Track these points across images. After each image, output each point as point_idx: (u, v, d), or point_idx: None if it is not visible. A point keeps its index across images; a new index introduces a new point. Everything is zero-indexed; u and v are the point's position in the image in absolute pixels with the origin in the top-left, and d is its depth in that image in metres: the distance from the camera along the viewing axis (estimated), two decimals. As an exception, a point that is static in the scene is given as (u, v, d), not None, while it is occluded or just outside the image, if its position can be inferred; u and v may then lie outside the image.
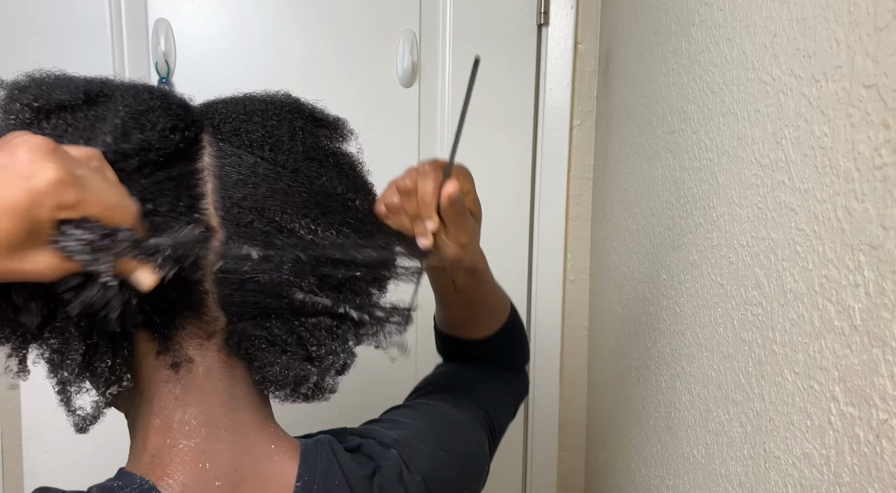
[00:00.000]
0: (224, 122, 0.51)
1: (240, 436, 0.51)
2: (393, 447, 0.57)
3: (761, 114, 0.57)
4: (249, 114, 0.52)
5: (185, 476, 0.48)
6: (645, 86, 0.93)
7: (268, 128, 0.51)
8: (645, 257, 0.91)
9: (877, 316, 0.41)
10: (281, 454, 0.52)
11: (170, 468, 0.48)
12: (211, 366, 0.50)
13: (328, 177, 0.53)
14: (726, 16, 0.65)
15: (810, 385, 0.49)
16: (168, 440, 0.49)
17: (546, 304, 1.34)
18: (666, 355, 0.81)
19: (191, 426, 0.49)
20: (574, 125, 1.29)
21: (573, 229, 1.32)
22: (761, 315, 0.57)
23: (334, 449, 0.54)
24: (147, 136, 0.47)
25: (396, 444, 0.57)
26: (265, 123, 0.52)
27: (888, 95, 0.40)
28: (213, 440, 0.49)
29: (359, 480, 0.53)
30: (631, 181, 0.99)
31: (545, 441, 1.37)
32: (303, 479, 0.51)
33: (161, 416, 0.49)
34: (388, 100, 1.25)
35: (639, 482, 0.91)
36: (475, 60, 0.52)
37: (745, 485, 0.59)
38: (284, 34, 1.22)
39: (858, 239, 0.43)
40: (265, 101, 0.54)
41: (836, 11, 0.46)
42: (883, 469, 0.41)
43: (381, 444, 0.57)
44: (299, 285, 0.49)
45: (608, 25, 1.19)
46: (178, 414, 0.49)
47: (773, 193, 0.55)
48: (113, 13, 1.17)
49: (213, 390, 0.50)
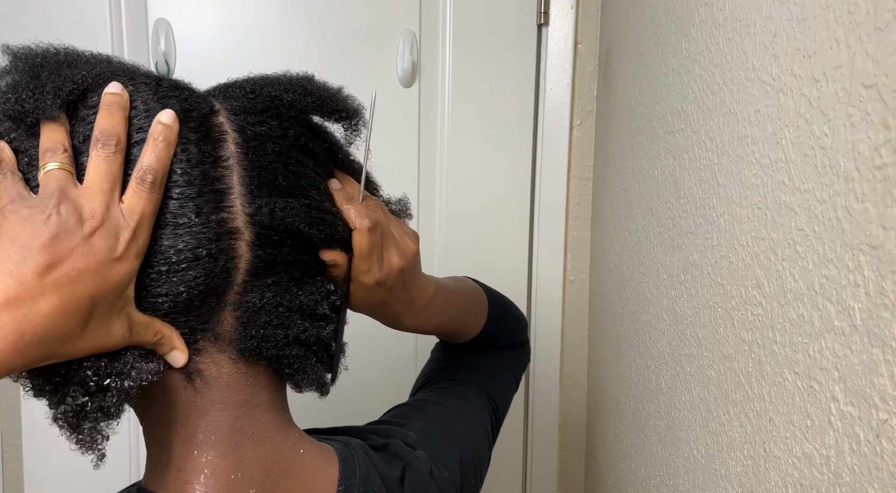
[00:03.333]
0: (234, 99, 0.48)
1: (267, 442, 0.48)
2: (419, 447, 0.57)
3: (761, 114, 0.57)
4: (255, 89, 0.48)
5: (217, 490, 0.46)
6: (645, 86, 0.93)
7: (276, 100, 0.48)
8: (645, 257, 0.91)
9: (877, 316, 0.41)
10: (312, 457, 0.51)
11: (199, 483, 0.45)
12: (231, 373, 0.47)
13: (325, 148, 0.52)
14: (726, 16, 0.65)
15: (810, 385, 0.49)
16: (194, 451, 0.46)
17: (546, 304, 1.34)
18: (666, 355, 0.81)
19: (217, 436, 0.46)
20: (574, 125, 1.29)
21: (573, 229, 1.32)
22: (761, 315, 0.57)
23: (367, 453, 0.53)
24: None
25: (421, 445, 0.57)
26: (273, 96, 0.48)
27: (888, 95, 0.40)
28: (240, 449, 0.47)
29: (393, 483, 0.53)
30: (631, 181, 0.99)
31: (545, 441, 1.37)
32: (344, 483, 0.50)
33: (185, 425, 0.46)
34: (388, 100, 1.25)
35: (639, 482, 0.91)
36: (373, 96, 0.52)
37: (745, 485, 0.59)
38: (284, 34, 1.22)
39: (858, 239, 0.43)
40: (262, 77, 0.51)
41: (836, 11, 0.46)
42: (883, 469, 0.41)
43: (406, 445, 0.57)
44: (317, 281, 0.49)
45: (608, 25, 1.19)
46: (202, 424, 0.46)
47: (773, 193, 0.55)
48: (113, 13, 1.17)
49: (236, 398, 0.47)
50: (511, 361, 0.77)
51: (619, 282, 1.06)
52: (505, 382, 0.75)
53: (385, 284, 0.54)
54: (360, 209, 0.51)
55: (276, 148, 0.47)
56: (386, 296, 0.56)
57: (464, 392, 0.69)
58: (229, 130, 0.45)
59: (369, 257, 0.52)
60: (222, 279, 0.44)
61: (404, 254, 0.55)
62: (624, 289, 1.03)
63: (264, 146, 0.46)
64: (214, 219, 0.43)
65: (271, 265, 0.46)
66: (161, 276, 0.42)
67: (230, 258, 0.44)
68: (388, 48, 1.24)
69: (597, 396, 1.25)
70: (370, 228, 0.51)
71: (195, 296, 0.43)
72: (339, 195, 0.51)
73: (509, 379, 0.76)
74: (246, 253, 0.44)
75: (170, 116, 0.43)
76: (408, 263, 0.55)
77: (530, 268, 1.35)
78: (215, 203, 0.43)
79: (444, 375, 0.72)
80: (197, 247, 0.42)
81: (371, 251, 0.52)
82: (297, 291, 0.47)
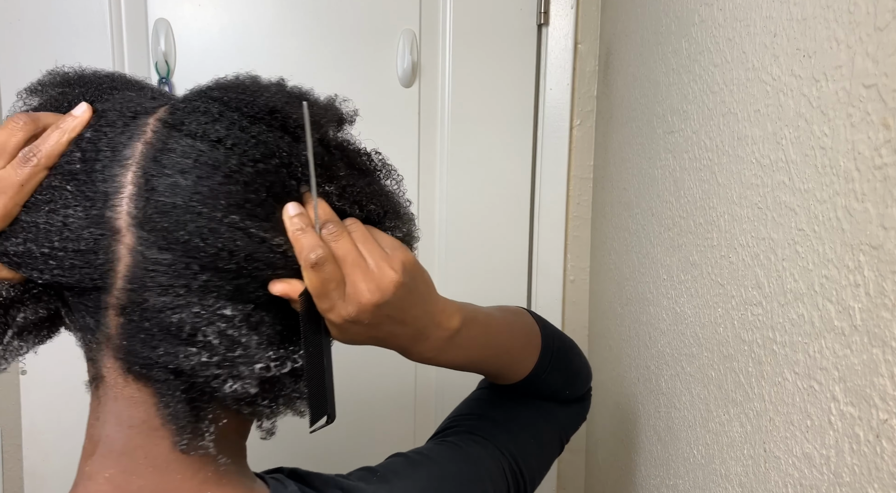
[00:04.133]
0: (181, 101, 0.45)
1: (167, 472, 0.45)
2: None
3: (761, 114, 0.57)
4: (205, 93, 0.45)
5: None
6: (645, 86, 0.93)
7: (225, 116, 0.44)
8: (645, 257, 0.91)
9: (877, 316, 0.41)
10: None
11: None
12: (123, 385, 0.44)
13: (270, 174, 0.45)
14: (726, 16, 0.65)
15: (810, 385, 0.49)
16: (87, 467, 0.46)
17: (546, 304, 1.34)
18: (666, 355, 0.81)
19: (112, 454, 0.45)
20: (574, 125, 1.29)
21: (573, 229, 1.32)
22: (761, 315, 0.57)
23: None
24: None
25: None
26: (213, 97, 0.45)
27: (888, 95, 0.40)
28: (132, 474, 0.44)
29: None
30: (631, 181, 0.99)
31: (545, 441, 1.37)
32: None
33: (90, 437, 0.46)
34: (388, 100, 1.25)
35: (639, 482, 0.91)
36: (304, 106, 0.44)
37: (745, 485, 0.59)
38: (284, 34, 1.22)
39: (858, 239, 0.43)
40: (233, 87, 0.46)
41: (836, 11, 0.46)
42: (883, 469, 0.41)
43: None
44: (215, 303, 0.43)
45: (608, 25, 1.19)
46: (102, 437, 0.45)
47: (773, 193, 0.55)
48: (113, 13, 1.17)
49: (129, 414, 0.44)
50: (558, 419, 0.67)
51: (619, 282, 1.06)
52: (540, 444, 0.65)
53: (360, 321, 0.47)
54: (309, 240, 0.44)
55: (195, 155, 0.42)
56: (373, 331, 0.49)
57: (476, 452, 0.60)
58: (148, 131, 0.43)
59: (325, 295, 0.45)
60: (100, 277, 0.42)
61: (379, 287, 0.46)
62: (624, 289, 1.03)
63: (177, 150, 0.42)
64: (95, 213, 0.42)
65: (155, 276, 0.42)
66: (35, 245, 0.43)
67: (109, 259, 0.42)
68: (388, 48, 1.24)
69: (597, 396, 1.25)
70: (313, 263, 0.44)
71: (73, 283, 0.43)
72: (290, 222, 0.44)
73: (550, 441, 0.66)
74: (126, 256, 0.42)
75: (80, 108, 0.45)
76: (384, 296, 0.46)
77: (530, 268, 1.35)
78: (103, 199, 0.42)
79: (466, 425, 0.63)
80: (73, 235, 0.43)
81: (324, 289, 0.45)
82: (179, 310, 0.42)
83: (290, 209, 0.45)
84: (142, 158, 0.42)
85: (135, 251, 0.42)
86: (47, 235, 0.42)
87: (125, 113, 0.44)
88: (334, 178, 0.48)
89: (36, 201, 0.43)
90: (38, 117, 0.44)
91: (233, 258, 0.42)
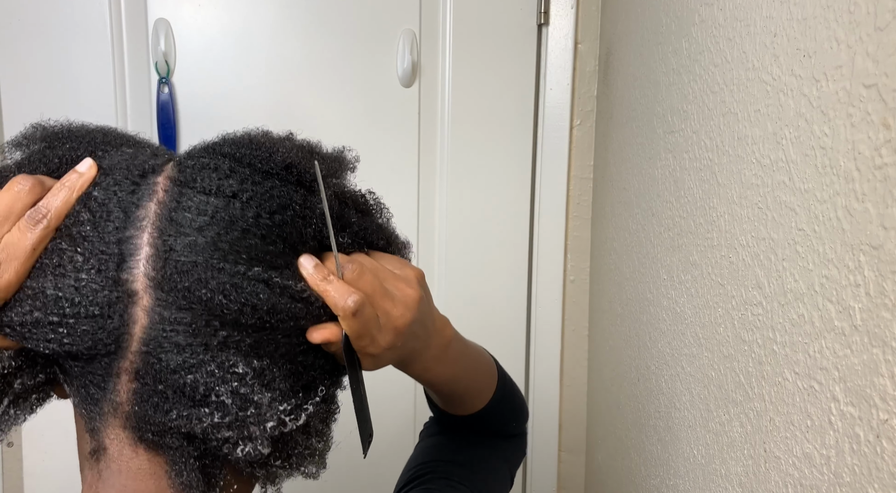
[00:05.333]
0: (190, 158, 0.44)
1: None
2: None
3: (761, 114, 0.57)
4: (216, 149, 0.44)
5: None
6: (645, 86, 0.93)
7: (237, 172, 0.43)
8: (645, 257, 0.91)
9: (877, 316, 0.41)
10: None
11: None
12: (131, 457, 0.43)
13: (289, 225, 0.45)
14: (726, 16, 0.65)
15: (810, 385, 0.49)
16: None
17: (546, 304, 1.34)
18: (666, 355, 0.81)
19: None
20: (574, 125, 1.29)
21: (573, 229, 1.32)
22: (761, 315, 0.57)
23: None
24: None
25: None
26: (224, 153, 0.44)
27: (888, 95, 0.40)
28: None
29: None
30: (631, 181, 0.99)
31: (545, 441, 1.37)
32: None
33: None
34: (388, 100, 1.25)
35: (639, 482, 0.91)
36: (315, 164, 0.44)
37: (745, 485, 0.59)
38: (284, 34, 1.22)
39: (858, 239, 0.43)
40: (244, 143, 0.45)
41: (836, 11, 0.46)
42: (883, 469, 0.41)
43: None
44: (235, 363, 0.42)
45: (608, 25, 1.19)
46: None
47: (773, 193, 0.55)
48: (113, 13, 1.17)
49: (136, 488, 0.43)
50: (507, 454, 0.70)
51: (619, 282, 1.06)
52: (501, 481, 0.68)
53: (396, 345, 0.48)
54: (340, 288, 0.44)
55: (211, 211, 0.42)
56: (400, 351, 0.50)
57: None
58: (159, 191, 0.42)
59: (365, 335, 0.46)
60: (114, 342, 0.41)
61: (408, 307, 0.48)
62: (624, 289, 1.03)
63: (192, 207, 0.41)
64: (110, 276, 0.40)
65: (173, 336, 0.41)
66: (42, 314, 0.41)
67: (124, 322, 0.40)
68: (388, 48, 1.24)
69: (597, 396, 1.25)
70: (355, 311, 0.44)
71: (83, 351, 0.41)
72: (311, 277, 0.44)
73: (504, 476, 0.69)
74: (142, 318, 0.40)
75: (85, 164, 0.42)
76: (413, 314, 0.48)
77: (530, 268, 1.35)
78: (117, 261, 0.40)
79: (438, 471, 0.64)
80: (85, 300, 0.40)
81: (364, 330, 0.45)
82: (194, 369, 0.41)
83: (305, 263, 0.44)
84: (156, 219, 0.41)
85: (152, 312, 0.40)
86: (56, 301, 0.40)
87: (132, 171, 0.42)
88: (347, 226, 0.48)
89: (42, 266, 0.40)
90: (44, 181, 0.42)
91: (255, 312, 0.41)
